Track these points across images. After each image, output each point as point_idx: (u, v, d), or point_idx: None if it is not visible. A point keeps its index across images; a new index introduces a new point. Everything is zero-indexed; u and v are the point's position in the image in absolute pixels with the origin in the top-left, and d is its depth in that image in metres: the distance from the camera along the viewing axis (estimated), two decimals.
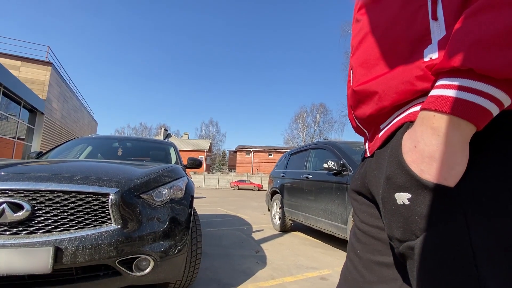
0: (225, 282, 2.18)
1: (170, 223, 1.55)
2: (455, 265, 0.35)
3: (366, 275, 0.57)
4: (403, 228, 0.40)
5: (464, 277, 0.35)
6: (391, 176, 0.41)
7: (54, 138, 13.05)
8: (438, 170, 0.35)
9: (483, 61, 0.32)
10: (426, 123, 0.36)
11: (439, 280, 0.36)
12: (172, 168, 1.96)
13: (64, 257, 1.24)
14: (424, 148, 0.36)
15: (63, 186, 1.34)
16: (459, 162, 0.35)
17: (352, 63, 0.57)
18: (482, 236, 0.35)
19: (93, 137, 3.27)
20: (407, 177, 0.38)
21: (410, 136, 0.38)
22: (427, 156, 0.36)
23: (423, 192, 0.36)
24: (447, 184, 0.35)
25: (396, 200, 0.40)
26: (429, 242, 0.37)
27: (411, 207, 0.38)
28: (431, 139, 0.35)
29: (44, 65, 12.01)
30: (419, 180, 0.36)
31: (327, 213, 3.25)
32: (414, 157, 0.37)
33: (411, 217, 0.38)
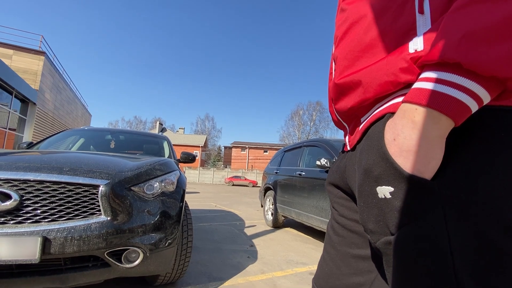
0: (215, 275, 2.20)
1: (161, 216, 1.56)
2: (432, 259, 0.35)
3: (342, 267, 0.58)
4: (381, 221, 0.40)
5: (441, 271, 0.35)
6: (372, 168, 0.40)
7: (47, 129, 12.84)
8: (415, 164, 0.35)
9: (472, 56, 0.32)
10: (408, 116, 0.36)
11: (416, 274, 0.36)
12: (164, 161, 1.95)
13: (52, 247, 1.23)
14: (404, 142, 0.36)
15: (52, 177, 1.33)
16: (435, 156, 0.35)
17: (335, 55, 0.55)
18: (460, 231, 0.34)
19: (85, 129, 3.23)
20: (390, 170, 0.37)
21: (390, 128, 0.38)
22: (405, 150, 0.36)
23: (405, 185, 0.36)
24: (424, 177, 0.35)
25: (377, 193, 0.39)
26: (407, 236, 0.37)
27: (391, 201, 0.37)
28: (410, 132, 0.35)
29: (37, 54, 11.75)
30: (403, 174, 0.36)
31: (318, 209, 3.29)
32: (393, 149, 0.37)
33: (390, 211, 0.38)
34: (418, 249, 0.36)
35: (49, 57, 12.66)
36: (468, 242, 0.34)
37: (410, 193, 0.36)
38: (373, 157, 0.40)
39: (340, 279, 0.58)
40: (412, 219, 0.36)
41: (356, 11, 0.51)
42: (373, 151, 0.41)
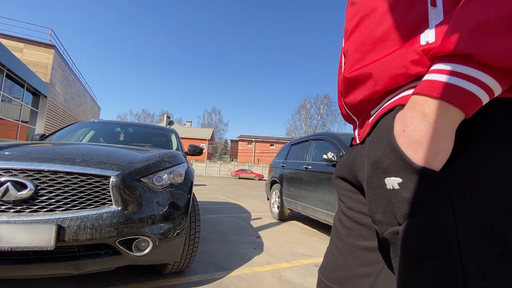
0: (222, 265, 2.25)
1: (169, 207, 1.59)
2: (439, 250, 0.35)
3: (349, 258, 0.58)
4: (389, 212, 0.40)
5: (447, 262, 0.35)
6: (381, 160, 0.40)
7: (57, 122, 13.11)
8: (424, 155, 0.35)
9: (484, 47, 0.31)
10: (418, 108, 0.36)
11: (422, 264, 0.37)
12: (172, 154, 1.98)
13: (66, 235, 1.28)
14: (413, 133, 0.36)
15: (65, 167, 1.37)
16: (444, 148, 0.35)
17: (345, 48, 0.55)
18: (467, 223, 0.35)
19: (95, 121, 3.30)
20: (399, 161, 0.37)
21: (400, 120, 0.38)
22: (414, 142, 0.36)
23: (414, 177, 0.36)
24: (433, 168, 0.35)
25: (385, 184, 0.40)
26: (415, 226, 0.37)
27: (400, 192, 0.38)
28: (420, 124, 0.35)
29: (47, 47, 11.92)
30: (412, 165, 0.36)
31: (324, 203, 3.29)
32: (402, 141, 0.37)
33: (398, 202, 0.38)
34: (425, 239, 0.36)
35: (59, 50, 12.83)
36: (475, 234, 0.34)
37: (418, 184, 0.36)
38: (382, 149, 0.41)
39: (346, 270, 0.59)
40: (420, 209, 0.36)
41: (367, 4, 0.50)
42: (382, 142, 0.41)
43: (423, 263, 0.37)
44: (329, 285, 0.61)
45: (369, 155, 0.45)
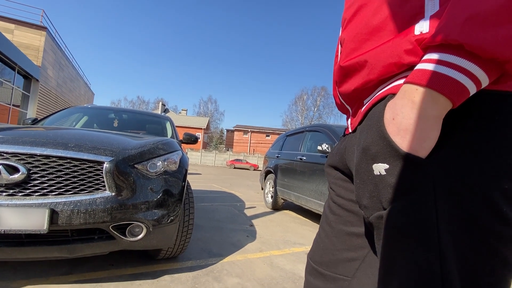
0: (215, 252, 2.29)
1: (164, 193, 1.60)
2: (419, 232, 0.37)
3: (336, 243, 0.61)
4: (375, 197, 0.42)
5: (426, 244, 0.37)
6: (370, 147, 0.42)
7: (50, 107, 12.87)
8: (411, 143, 0.36)
9: (475, 38, 0.32)
10: (408, 97, 0.37)
11: (402, 246, 0.39)
12: (167, 141, 1.98)
13: (60, 219, 1.29)
14: (402, 121, 0.37)
15: (58, 152, 1.36)
16: (431, 136, 0.36)
17: (342, 37, 0.55)
18: (447, 208, 0.36)
19: (89, 107, 3.25)
20: (387, 148, 0.39)
21: (390, 108, 0.39)
22: (403, 129, 0.37)
23: (400, 163, 0.37)
24: (418, 155, 0.37)
25: (373, 170, 0.41)
26: (398, 210, 0.39)
27: (386, 177, 0.39)
28: (409, 112, 0.36)
29: (39, 29, 11.53)
30: (399, 151, 0.37)
31: (317, 193, 3.34)
32: (391, 128, 0.38)
33: (384, 187, 0.40)
34: (406, 222, 0.38)
35: (51, 32, 12.43)
36: (454, 218, 0.36)
37: (403, 170, 0.37)
38: (372, 136, 0.42)
39: (334, 254, 0.61)
40: (404, 195, 0.38)
41: None
42: (372, 130, 0.42)
43: (403, 245, 0.38)
44: (317, 268, 0.64)
45: (359, 142, 0.46)
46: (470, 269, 0.36)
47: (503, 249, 0.37)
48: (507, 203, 0.36)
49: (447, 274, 0.36)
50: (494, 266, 0.37)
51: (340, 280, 0.60)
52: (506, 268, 0.38)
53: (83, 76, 19.74)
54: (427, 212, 0.37)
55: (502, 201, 0.36)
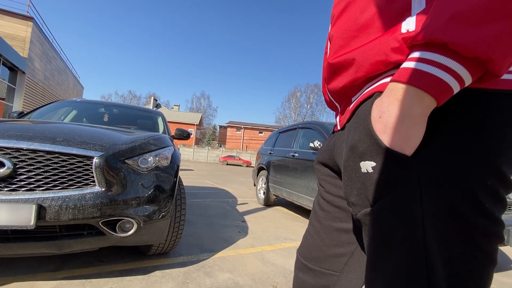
0: (207, 248, 2.29)
1: (155, 189, 1.59)
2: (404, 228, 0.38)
3: (325, 239, 0.61)
4: (362, 194, 0.42)
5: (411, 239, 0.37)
6: (357, 145, 0.42)
7: (37, 100, 12.49)
8: (397, 140, 0.37)
9: (458, 37, 0.32)
10: (394, 95, 0.37)
11: (388, 242, 0.39)
12: (158, 136, 1.96)
13: (47, 215, 1.26)
14: (388, 119, 0.37)
15: (45, 146, 1.33)
16: (416, 133, 0.37)
17: (331, 33, 0.55)
18: (432, 203, 0.37)
19: (78, 101, 3.17)
20: (374, 146, 0.39)
21: (377, 106, 0.40)
22: (389, 127, 0.37)
23: (386, 160, 0.38)
24: (404, 153, 0.37)
25: (360, 168, 0.42)
26: (384, 207, 0.39)
27: (373, 175, 0.40)
28: (395, 110, 0.37)
29: (25, 19, 11.11)
30: (385, 149, 0.38)
31: (309, 190, 3.38)
32: (378, 126, 0.39)
33: (371, 185, 0.40)
34: (392, 219, 0.39)
35: (38, 23, 12.02)
36: (439, 214, 0.37)
37: (389, 168, 0.38)
38: (359, 134, 0.42)
39: (323, 250, 0.62)
40: (390, 191, 0.39)
41: None
42: (359, 128, 0.43)
43: (389, 242, 0.39)
44: (306, 264, 0.64)
45: (347, 140, 0.47)
46: (454, 264, 0.37)
47: (487, 244, 0.38)
48: (490, 199, 0.37)
49: (432, 269, 0.37)
50: (478, 261, 0.38)
51: (329, 276, 0.61)
52: (490, 263, 0.39)
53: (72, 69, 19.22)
54: (412, 209, 0.38)
55: (485, 198, 0.37)
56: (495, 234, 0.38)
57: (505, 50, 0.32)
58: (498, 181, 0.38)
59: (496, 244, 0.39)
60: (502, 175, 0.38)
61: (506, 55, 0.32)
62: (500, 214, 0.39)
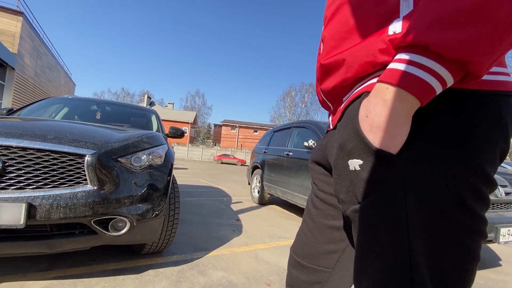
0: (200, 246, 2.29)
1: (148, 188, 1.57)
2: (389, 224, 0.39)
3: (318, 236, 0.62)
4: (351, 191, 0.43)
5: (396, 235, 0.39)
6: (346, 143, 0.43)
7: (27, 97, 12.23)
8: (383, 139, 0.38)
9: (439, 39, 0.33)
10: (380, 95, 0.38)
11: (375, 238, 0.41)
12: (152, 135, 1.94)
13: (38, 214, 1.24)
14: (374, 118, 0.38)
15: (35, 144, 1.31)
16: (401, 132, 0.38)
17: (324, 35, 0.56)
18: (417, 200, 0.38)
19: (69, 98, 3.12)
20: (361, 144, 0.40)
21: (364, 106, 0.41)
22: (375, 126, 0.38)
23: (372, 159, 0.39)
24: (390, 151, 0.38)
25: (349, 166, 0.43)
26: (371, 204, 0.41)
27: (360, 172, 0.41)
28: (381, 110, 0.38)
29: (15, 14, 10.86)
30: (371, 148, 0.39)
31: (303, 188, 3.40)
32: (365, 126, 0.40)
33: (358, 182, 0.41)
34: (378, 215, 0.40)
35: (28, 18, 11.76)
36: (423, 211, 0.38)
37: (376, 166, 0.39)
38: (348, 133, 0.43)
39: (315, 247, 0.63)
40: (376, 189, 0.40)
41: None
42: (348, 127, 0.44)
43: (375, 238, 0.40)
44: (299, 261, 0.65)
45: (338, 139, 0.48)
46: (438, 260, 0.38)
47: (469, 241, 0.39)
48: (472, 196, 0.39)
49: (415, 265, 0.38)
50: (460, 257, 0.39)
51: (321, 272, 0.62)
52: (473, 259, 0.40)
53: (64, 66, 18.88)
54: (397, 206, 0.39)
55: (468, 195, 0.38)
56: (478, 231, 0.40)
57: (484, 52, 0.33)
58: (480, 179, 0.39)
59: (479, 241, 0.40)
60: (485, 173, 0.39)
61: (486, 57, 0.34)
62: (482, 212, 0.40)
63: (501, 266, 2.56)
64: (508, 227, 2.14)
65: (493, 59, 0.35)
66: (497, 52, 0.34)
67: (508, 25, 0.32)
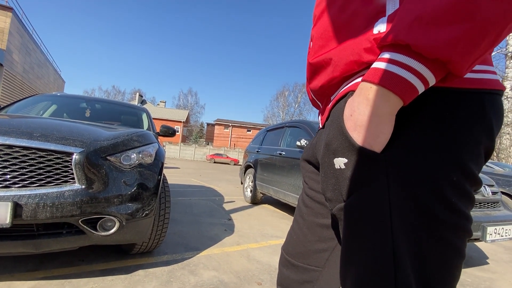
0: (192, 246, 2.28)
1: (138, 187, 1.56)
2: (373, 221, 0.39)
3: (308, 235, 0.63)
4: (337, 190, 0.44)
5: (379, 231, 0.39)
6: (331, 142, 0.44)
7: (15, 93, 11.93)
8: (366, 138, 0.38)
9: (420, 39, 0.34)
10: (363, 94, 0.38)
11: (359, 234, 0.41)
12: (142, 133, 1.92)
13: (24, 213, 1.21)
14: (358, 117, 0.39)
15: (21, 142, 1.28)
16: (384, 131, 0.38)
17: (312, 34, 0.56)
18: (400, 197, 0.39)
19: (58, 95, 3.05)
20: (345, 143, 0.41)
21: (349, 105, 0.41)
22: (359, 125, 0.39)
23: (356, 157, 0.40)
24: (373, 150, 0.39)
25: (334, 164, 0.43)
26: (355, 201, 0.41)
27: (345, 171, 0.41)
28: (364, 109, 0.38)
29: (4, 10, 10.57)
30: (355, 146, 0.39)
31: (295, 188, 3.41)
32: (349, 124, 0.40)
33: (343, 180, 0.42)
34: (362, 213, 0.40)
35: (17, 13, 11.46)
36: (406, 208, 0.39)
37: (360, 164, 0.40)
38: (333, 132, 0.44)
39: (306, 245, 0.63)
40: (360, 187, 0.40)
41: None
42: (334, 126, 0.44)
43: (359, 235, 0.41)
44: (290, 260, 0.65)
45: (324, 138, 0.48)
46: (422, 257, 0.39)
47: (453, 237, 0.40)
48: (455, 194, 0.39)
49: (399, 264, 0.38)
50: (444, 254, 0.39)
51: (311, 271, 0.62)
52: (458, 257, 0.40)
53: (53, 62, 18.48)
54: (381, 203, 0.39)
55: (451, 192, 0.39)
56: (463, 228, 0.40)
57: (463, 52, 0.34)
58: (464, 177, 0.40)
59: (464, 238, 0.41)
60: (469, 171, 0.40)
61: (465, 56, 0.34)
62: (467, 209, 0.41)
63: (488, 264, 2.63)
64: (495, 225, 2.19)
65: (473, 59, 0.35)
66: (476, 52, 0.34)
67: (487, 25, 0.33)
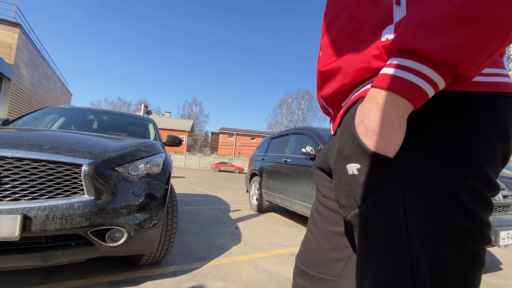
0: (199, 256, 2.25)
1: (146, 197, 1.56)
2: (389, 228, 0.38)
3: (323, 244, 0.61)
4: (350, 196, 0.43)
5: (395, 239, 0.38)
6: (344, 148, 0.44)
7: (23, 107, 12.18)
8: (378, 143, 0.38)
9: (426, 43, 0.34)
10: (373, 100, 0.39)
11: (375, 242, 0.40)
12: (150, 143, 1.93)
13: (33, 225, 1.22)
14: (369, 123, 0.39)
15: (31, 154, 1.29)
16: (396, 136, 0.38)
17: (321, 43, 0.58)
18: (414, 204, 0.38)
19: (66, 108, 3.10)
20: (358, 148, 0.40)
21: (359, 111, 0.41)
22: (370, 130, 0.39)
23: (369, 162, 0.39)
24: (386, 155, 0.38)
25: (347, 170, 0.43)
26: (370, 207, 0.40)
27: (358, 177, 0.41)
28: (375, 114, 0.38)
29: (11, 26, 10.92)
30: (367, 151, 0.39)
31: (302, 195, 3.38)
32: (360, 130, 0.40)
33: (357, 186, 0.41)
34: (376, 219, 0.40)
35: (25, 29, 11.82)
36: (422, 214, 0.38)
37: (373, 169, 0.39)
38: (345, 138, 0.44)
39: (320, 255, 0.61)
40: (374, 192, 0.40)
41: (341, 1, 0.52)
42: (345, 132, 0.44)
43: (374, 242, 0.40)
44: (305, 269, 0.64)
45: (336, 145, 0.48)
46: (439, 264, 0.37)
47: (471, 244, 0.38)
48: (472, 199, 0.38)
49: (417, 271, 0.37)
50: (462, 262, 0.38)
51: (327, 281, 0.60)
52: (476, 264, 0.39)
53: (60, 76, 18.89)
54: (395, 209, 0.38)
55: (467, 197, 0.38)
56: (481, 235, 0.39)
57: (470, 54, 0.34)
58: (480, 182, 0.38)
59: (482, 245, 0.39)
60: (485, 175, 0.39)
61: (472, 58, 0.34)
62: (485, 215, 0.39)
63: (502, 270, 2.55)
64: (508, 230, 2.14)
65: (481, 61, 0.35)
66: (483, 54, 0.34)
67: (493, 26, 0.33)
